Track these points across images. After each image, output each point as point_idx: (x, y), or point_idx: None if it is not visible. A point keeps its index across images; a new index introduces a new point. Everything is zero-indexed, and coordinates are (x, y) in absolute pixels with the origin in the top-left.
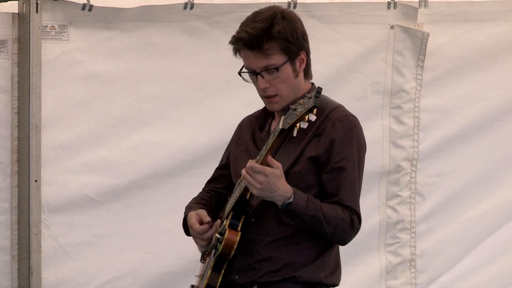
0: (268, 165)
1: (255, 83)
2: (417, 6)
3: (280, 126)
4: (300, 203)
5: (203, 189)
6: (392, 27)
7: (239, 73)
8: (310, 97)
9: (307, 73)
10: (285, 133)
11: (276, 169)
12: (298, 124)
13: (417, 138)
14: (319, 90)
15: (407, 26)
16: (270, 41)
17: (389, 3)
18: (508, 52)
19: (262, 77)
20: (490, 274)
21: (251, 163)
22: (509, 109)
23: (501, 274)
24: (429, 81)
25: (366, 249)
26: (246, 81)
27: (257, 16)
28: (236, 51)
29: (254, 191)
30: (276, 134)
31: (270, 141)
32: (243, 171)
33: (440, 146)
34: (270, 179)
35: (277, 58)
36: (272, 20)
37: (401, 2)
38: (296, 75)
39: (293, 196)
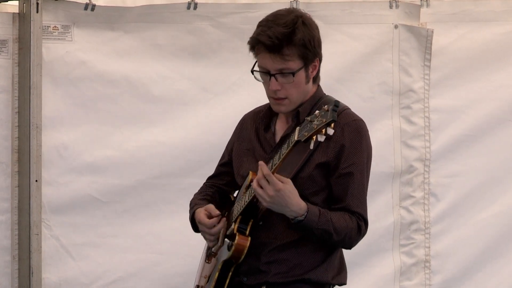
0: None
1: (266, 83)
2: (419, 5)
3: (296, 138)
4: (312, 219)
5: (204, 183)
6: (396, 26)
7: (252, 71)
8: (327, 110)
9: (316, 78)
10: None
11: (287, 185)
12: (314, 137)
13: (429, 139)
14: (336, 103)
15: (410, 25)
16: (291, 47)
17: (390, 3)
18: None
19: (276, 79)
20: (505, 274)
21: (266, 169)
22: None
23: None
24: (435, 81)
25: (380, 250)
26: (257, 79)
27: (278, 19)
28: (253, 50)
29: (264, 203)
30: (291, 146)
31: (284, 151)
32: (254, 183)
33: (452, 146)
34: (281, 194)
35: (294, 64)
36: (294, 25)
37: (403, 2)
38: (308, 81)
39: (306, 214)
